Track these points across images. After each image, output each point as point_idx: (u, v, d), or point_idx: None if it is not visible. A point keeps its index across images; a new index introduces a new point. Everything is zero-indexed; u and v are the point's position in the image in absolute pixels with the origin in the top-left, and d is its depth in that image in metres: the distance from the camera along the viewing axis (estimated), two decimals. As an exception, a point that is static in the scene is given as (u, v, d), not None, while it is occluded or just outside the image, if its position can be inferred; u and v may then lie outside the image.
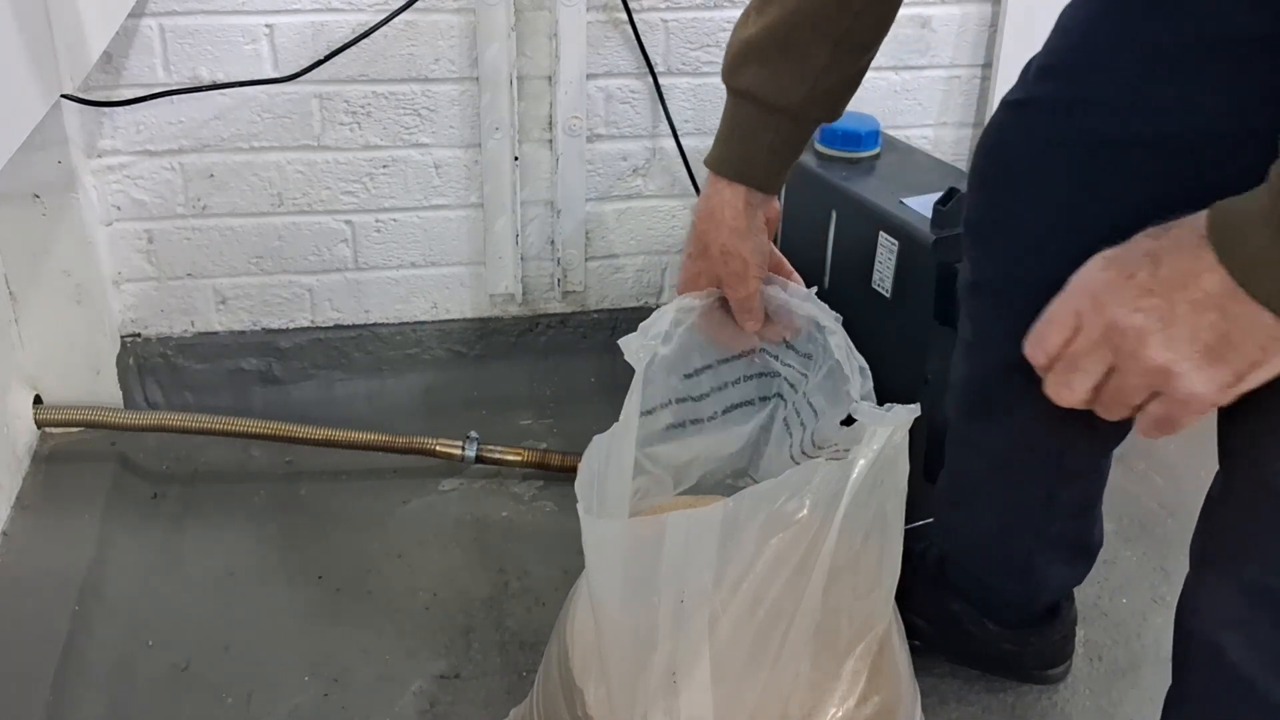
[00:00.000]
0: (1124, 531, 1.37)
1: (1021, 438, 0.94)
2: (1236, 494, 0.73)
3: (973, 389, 0.95)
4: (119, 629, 1.16)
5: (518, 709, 1.02)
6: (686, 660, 0.78)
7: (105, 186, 1.38)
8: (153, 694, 1.09)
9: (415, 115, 1.41)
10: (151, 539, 1.29)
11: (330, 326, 1.53)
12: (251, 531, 1.31)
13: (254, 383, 1.53)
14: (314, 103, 1.38)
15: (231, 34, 1.33)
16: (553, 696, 0.91)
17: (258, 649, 1.15)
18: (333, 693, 1.10)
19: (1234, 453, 0.73)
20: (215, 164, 1.40)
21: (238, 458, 1.43)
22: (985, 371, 0.92)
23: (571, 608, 0.96)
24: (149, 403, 1.51)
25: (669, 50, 1.46)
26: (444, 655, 1.15)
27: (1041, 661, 1.13)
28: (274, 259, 1.47)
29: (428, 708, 1.09)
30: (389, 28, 1.34)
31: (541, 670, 0.98)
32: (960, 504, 1.05)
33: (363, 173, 1.44)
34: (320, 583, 1.24)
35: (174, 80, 1.34)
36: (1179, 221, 0.55)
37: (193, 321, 1.49)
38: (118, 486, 1.36)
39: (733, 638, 0.78)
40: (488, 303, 1.56)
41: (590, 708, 0.85)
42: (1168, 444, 1.55)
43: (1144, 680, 1.16)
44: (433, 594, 1.23)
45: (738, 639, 0.78)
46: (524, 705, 1.01)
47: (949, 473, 1.05)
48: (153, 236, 1.43)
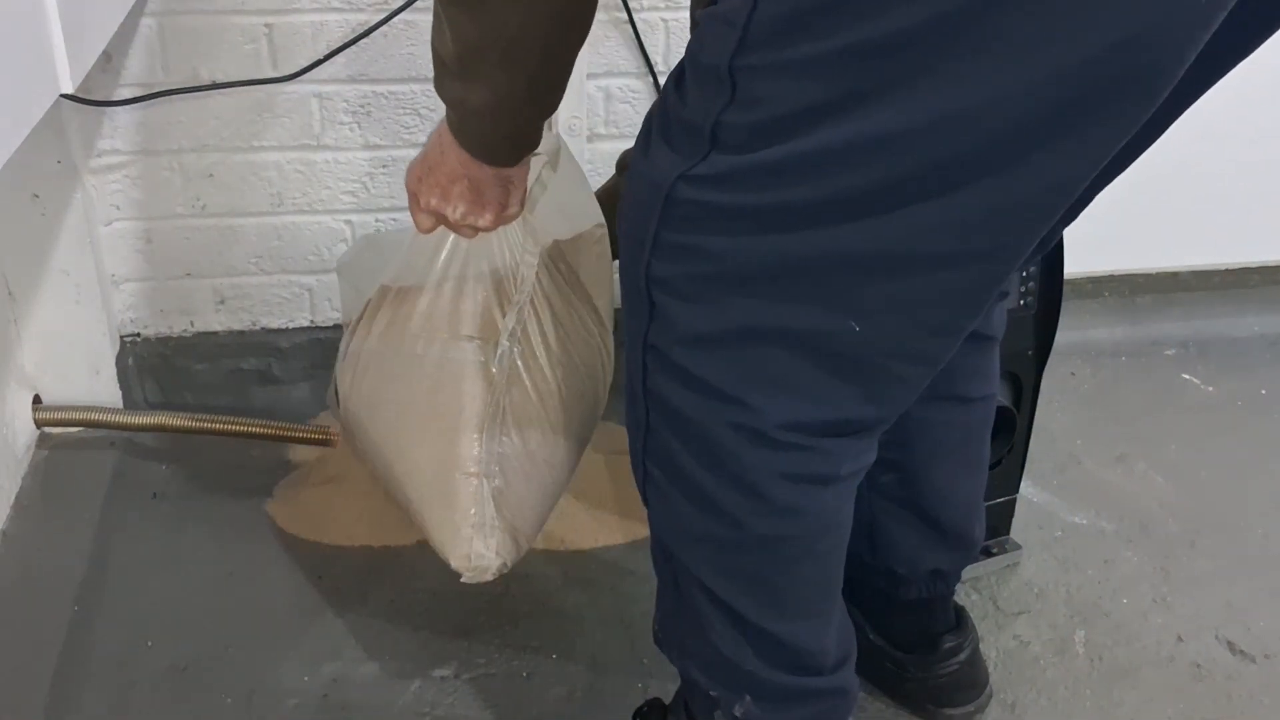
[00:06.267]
0: (1124, 531, 1.38)
1: None
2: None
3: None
4: (119, 629, 1.16)
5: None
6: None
7: (105, 186, 1.38)
8: (153, 694, 1.09)
9: (415, 115, 1.41)
10: (151, 539, 1.28)
11: (330, 326, 1.53)
12: (251, 531, 1.31)
13: (254, 383, 1.53)
14: (313, 102, 1.38)
15: (231, 34, 1.33)
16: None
17: (258, 649, 1.15)
18: (333, 693, 1.10)
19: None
20: (215, 164, 1.40)
21: (238, 458, 1.43)
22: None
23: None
24: (148, 403, 1.50)
25: (669, 50, 1.46)
26: (444, 655, 1.15)
27: (928, 694, 1.10)
28: (273, 259, 1.47)
29: (428, 708, 1.09)
30: (389, 27, 1.34)
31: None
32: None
33: (362, 173, 1.44)
34: (320, 583, 1.24)
35: (174, 80, 1.33)
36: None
37: (192, 321, 1.49)
38: (117, 486, 1.36)
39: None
40: (487, 303, 1.56)
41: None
42: (1168, 444, 1.55)
43: (1144, 680, 1.17)
44: (433, 594, 1.23)
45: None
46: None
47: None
48: (152, 236, 1.43)
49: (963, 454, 1.04)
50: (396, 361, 1.09)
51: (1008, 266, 0.69)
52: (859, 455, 0.81)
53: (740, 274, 0.72)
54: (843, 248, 0.68)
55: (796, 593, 0.87)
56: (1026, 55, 0.58)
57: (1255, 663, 1.19)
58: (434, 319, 1.06)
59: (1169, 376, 1.72)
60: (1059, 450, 1.52)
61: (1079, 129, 0.60)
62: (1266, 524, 1.41)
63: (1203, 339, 1.81)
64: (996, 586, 1.29)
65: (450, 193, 0.88)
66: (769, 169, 0.67)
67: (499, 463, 1.05)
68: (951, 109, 0.60)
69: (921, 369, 0.75)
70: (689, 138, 0.71)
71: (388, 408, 1.10)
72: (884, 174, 0.63)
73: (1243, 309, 1.85)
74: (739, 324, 0.73)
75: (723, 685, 0.90)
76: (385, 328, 1.09)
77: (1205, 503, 1.44)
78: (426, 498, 1.09)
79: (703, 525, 0.82)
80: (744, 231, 0.70)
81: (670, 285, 0.75)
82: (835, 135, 0.63)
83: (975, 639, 1.11)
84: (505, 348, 1.04)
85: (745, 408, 0.75)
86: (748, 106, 0.67)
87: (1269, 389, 1.70)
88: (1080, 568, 1.32)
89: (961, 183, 0.63)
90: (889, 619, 1.09)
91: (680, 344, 0.77)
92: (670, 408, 0.79)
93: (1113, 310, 1.81)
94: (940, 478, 1.02)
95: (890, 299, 0.69)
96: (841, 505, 0.85)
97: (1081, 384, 1.70)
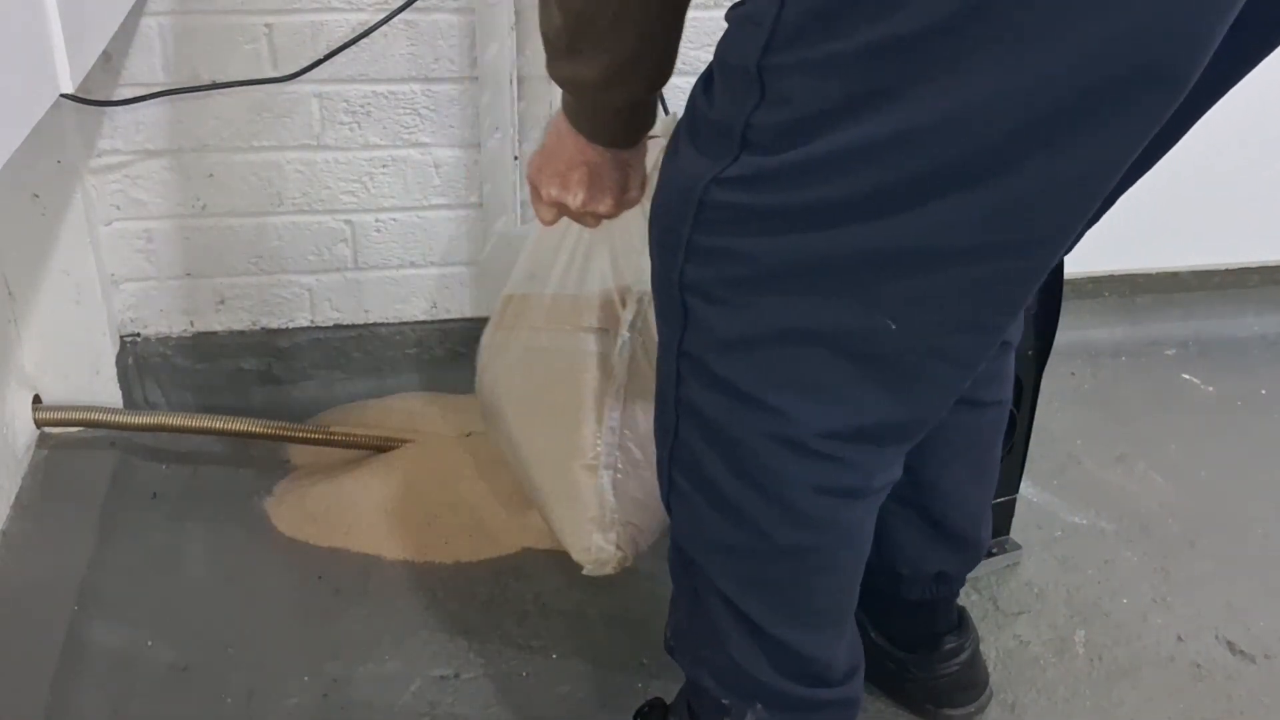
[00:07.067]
0: (1124, 531, 1.38)
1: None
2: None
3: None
4: (119, 629, 1.16)
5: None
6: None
7: (105, 186, 1.38)
8: (153, 694, 1.09)
9: (415, 115, 1.41)
10: (151, 539, 1.28)
11: (330, 326, 1.53)
12: (251, 531, 1.31)
13: (254, 383, 1.53)
14: (313, 102, 1.38)
15: (231, 34, 1.33)
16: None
17: (258, 649, 1.15)
18: (332, 693, 1.10)
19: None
20: (215, 164, 1.40)
21: (238, 458, 1.43)
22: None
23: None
24: (148, 402, 1.50)
25: (669, 50, 1.46)
26: (444, 655, 1.15)
27: (928, 694, 1.11)
28: (273, 259, 1.47)
29: (428, 708, 1.09)
30: (389, 27, 1.34)
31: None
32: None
33: (362, 172, 1.44)
34: (320, 583, 1.24)
35: (174, 80, 1.33)
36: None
37: (192, 321, 1.49)
38: (117, 486, 1.35)
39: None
40: (488, 303, 1.56)
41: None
42: (1168, 444, 1.55)
43: (1144, 680, 1.17)
44: (433, 594, 1.23)
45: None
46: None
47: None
48: (152, 236, 1.43)
49: (973, 458, 1.03)
50: (522, 354, 1.11)
51: (1041, 262, 0.69)
52: (888, 467, 0.81)
53: (774, 275, 0.72)
54: (874, 244, 0.68)
55: (815, 604, 0.87)
56: (1047, 47, 0.58)
57: (1255, 663, 1.19)
58: (557, 312, 1.07)
59: (1169, 376, 1.72)
60: (1059, 450, 1.52)
61: (1101, 120, 0.60)
62: (1266, 524, 1.41)
63: (1203, 339, 1.81)
64: (996, 586, 1.29)
65: (569, 180, 0.88)
66: (799, 168, 0.67)
67: (620, 453, 1.05)
68: (975, 102, 0.60)
69: (957, 370, 0.75)
70: (719, 140, 0.71)
71: (515, 399, 1.12)
72: (912, 169, 0.63)
73: (1243, 309, 1.85)
74: (774, 327, 0.73)
75: (735, 694, 0.90)
76: (512, 321, 1.11)
77: (1205, 503, 1.44)
78: (550, 490, 1.11)
79: (728, 535, 0.82)
80: (777, 232, 0.70)
81: (704, 290, 0.75)
82: (863, 132, 0.63)
83: (975, 639, 1.11)
84: (626, 338, 1.04)
85: (781, 415, 0.75)
86: (777, 106, 0.67)
87: (1269, 389, 1.70)
88: (1080, 568, 1.32)
89: (987, 175, 0.63)
90: (891, 619, 1.09)
91: (715, 350, 0.77)
92: (703, 417, 0.79)
93: (1113, 310, 1.81)
94: (949, 481, 1.02)
95: (924, 295, 0.69)
96: (866, 520, 0.85)
97: (1081, 384, 1.70)
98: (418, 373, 1.57)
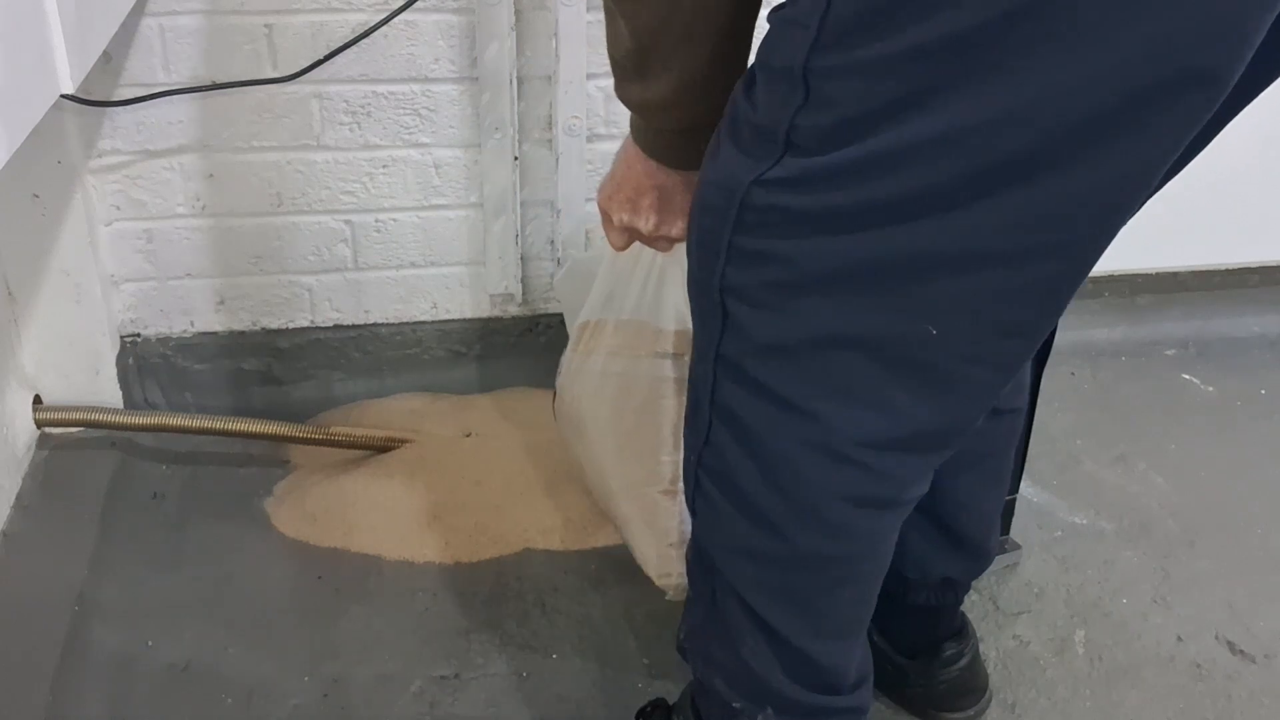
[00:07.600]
0: (1124, 531, 1.38)
1: None
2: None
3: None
4: (119, 629, 1.16)
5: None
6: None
7: (105, 186, 1.38)
8: (153, 694, 1.09)
9: (415, 115, 1.41)
10: (151, 539, 1.28)
11: (330, 326, 1.53)
12: (251, 531, 1.31)
13: (254, 383, 1.53)
14: (313, 103, 1.38)
15: (231, 34, 1.33)
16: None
17: (258, 649, 1.15)
18: (333, 693, 1.10)
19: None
20: (215, 164, 1.40)
21: (238, 458, 1.43)
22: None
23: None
24: (149, 403, 1.50)
25: (669, 50, 1.46)
26: (444, 655, 1.15)
27: (928, 699, 1.11)
28: (273, 259, 1.47)
29: (428, 708, 1.09)
30: (389, 28, 1.34)
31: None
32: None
33: (362, 172, 1.44)
34: (320, 583, 1.24)
35: (174, 80, 1.33)
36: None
37: (192, 321, 1.49)
38: (117, 487, 1.36)
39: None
40: (488, 303, 1.56)
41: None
42: (1168, 444, 1.55)
43: (1144, 680, 1.17)
44: (433, 594, 1.23)
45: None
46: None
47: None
48: (152, 236, 1.43)
49: (987, 465, 1.03)
50: (600, 378, 1.10)
51: (1081, 264, 0.68)
52: (921, 479, 0.81)
53: (816, 278, 0.71)
54: (917, 247, 0.67)
55: (835, 614, 0.87)
56: (1100, 45, 0.57)
57: (1255, 663, 1.19)
58: (634, 336, 1.07)
59: (1169, 376, 1.73)
60: (1059, 450, 1.52)
61: (1146, 120, 0.60)
62: (1266, 524, 1.41)
63: (1203, 339, 1.81)
64: (996, 586, 1.29)
65: (640, 205, 0.88)
66: (843, 170, 0.67)
67: None
68: (1019, 102, 0.60)
69: (996, 375, 0.74)
70: (761, 142, 0.70)
71: (594, 424, 1.12)
72: (958, 170, 0.63)
73: (1243, 309, 1.85)
74: (814, 331, 0.73)
75: (745, 697, 0.90)
76: (590, 345, 1.11)
77: (1205, 503, 1.44)
78: (629, 515, 1.12)
79: (753, 540, 0.82)
80: (819, 234, 0.70)
81: (745, 293, 0.75)
82: (907, 133, 0.63)
83: (975, 644, 1.11)
84: None
85: (817, 422, 0.75)
86: (822, 108, 0.66)
87: (1269, 389, 1.70)
88: (1080, 568, 1.32)
89: (1033, 176, 0.62)
90: (894, 621, 1.09)
91: (753, 355, 0.76)
92: (738, 422, 0.79)
93: (1113, 310, 1.81)
94: (962, 487, 1.01)
95: (964, 298, 0.69)
96: (891, 533, 0.85)
97: (1081, 384, 1.70)
98: (418, 373, 1.57)
